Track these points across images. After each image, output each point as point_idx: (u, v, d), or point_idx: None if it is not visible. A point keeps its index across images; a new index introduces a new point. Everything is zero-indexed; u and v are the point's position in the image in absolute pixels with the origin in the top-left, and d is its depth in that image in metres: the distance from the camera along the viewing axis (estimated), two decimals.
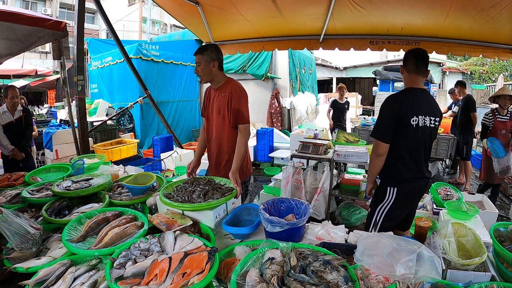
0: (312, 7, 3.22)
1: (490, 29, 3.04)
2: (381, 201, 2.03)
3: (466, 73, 12.90)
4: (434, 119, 1.95)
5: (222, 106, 2.18)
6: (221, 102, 2.19)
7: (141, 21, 19.52)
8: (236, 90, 2.16)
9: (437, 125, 1.98)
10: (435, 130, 1.99)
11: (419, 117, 1.89)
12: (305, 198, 3.40)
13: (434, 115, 1.95)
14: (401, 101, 1.94)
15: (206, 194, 1.75)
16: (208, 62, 2.12)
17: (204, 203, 1.63)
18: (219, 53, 2.17)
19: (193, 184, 1.89)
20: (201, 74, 2.17)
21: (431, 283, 1.09)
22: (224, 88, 2.21)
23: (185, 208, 1.63)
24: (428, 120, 1.92)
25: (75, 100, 3.82)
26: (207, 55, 2.11)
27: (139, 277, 1.17)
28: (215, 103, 2.24)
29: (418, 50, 2.00)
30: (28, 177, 2.35)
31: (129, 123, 7.18)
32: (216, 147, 2.29)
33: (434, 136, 1.99)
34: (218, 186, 1.87)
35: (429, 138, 1.97)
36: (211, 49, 2.14)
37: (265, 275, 1.11)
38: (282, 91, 8.14)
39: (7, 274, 1.29)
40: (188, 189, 1.82)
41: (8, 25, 3.00)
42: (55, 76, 11.47)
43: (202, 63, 2.12)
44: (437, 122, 1.97)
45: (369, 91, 16.40)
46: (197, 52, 2.14)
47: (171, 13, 3.98)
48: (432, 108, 1.96)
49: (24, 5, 17.80)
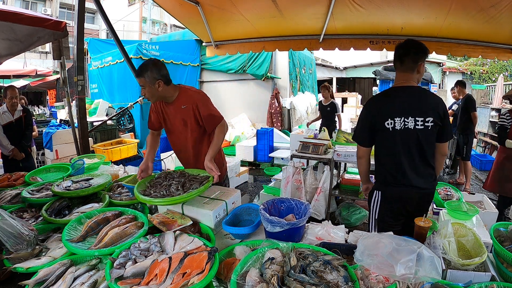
0: (312, 7, 3.22)
1: (490, 29, 3.04)
2: (371, 205, 1.99)
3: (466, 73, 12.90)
4: (422, 120, 1.72)
5: (189, 118, 2.08)
6: (184, 115, 2.07)
7: (141, 21, 19.52)
8: (197, 98, 2.06)
9: (431, 126, 1.74)
10: (427, 131, 1.74)
11: (395, 119, 1.74)
12: (305, 198, 3.40)
13: (422, 115, 1.72)
14: (375, 103, 1.87)
15: (183, 185, 1.74)
16: (152, 83, 1.94)
17: (184, 194, 1.62)
18: (161, 69, 1.97)
19: (166, 178, 1.87)
20: (148, 97, 2.02)
21: (431, 283, 1.09)
22: (181, 100, 2.08)
23: (167, 202, 1.62)
24: (412, 122, 1.73)
25: (75, 100, 3.82)
26: (148, 76, 1.93)
27: (139, 277, 1.17)
28: (177, 116, 2.11)
29: (401, 44, 1.81)
30: (28, 177, 2.35)
31: (129, 123, 7.18)
32: (194, 155, 2.22)
33: (426, 138, 1.76)
34: (193, 177, 1.85)
35: (415, 142, 1.75)
36: (150, 69, 1.93)
37: (265, 275, 1.11)
38: (282, 91, 8.14)
39: (7, 274, 1.29)
40: (163, 183, 1.79)
41: (8, 25, 3.00)
42: (55, 76, 11.47)
43: (146, 85, 1.95)
44: (429, 123, 1.73)
45: (369, 91, 16.39)
46: (138, 75, 1.96)
47: (171, 13, 3.98)
48: (421, 108, 1.74)
49: (24, 5, 17.80)
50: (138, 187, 1.77)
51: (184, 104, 2.06)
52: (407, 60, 1.77)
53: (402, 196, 1.84)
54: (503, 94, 8.97)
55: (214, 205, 1.70)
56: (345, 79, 17.22)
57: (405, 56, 1.77)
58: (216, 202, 1.74)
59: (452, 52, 3.54)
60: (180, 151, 2.31)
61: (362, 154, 1.97)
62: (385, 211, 1.90)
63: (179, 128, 2.16)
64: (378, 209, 1.94)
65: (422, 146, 1.77)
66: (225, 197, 1.81)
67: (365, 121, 1.88)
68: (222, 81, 8.36)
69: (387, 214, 1.90)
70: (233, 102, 8.26)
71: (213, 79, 8.49)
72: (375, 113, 1.83)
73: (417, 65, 1.77)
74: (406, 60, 1.77)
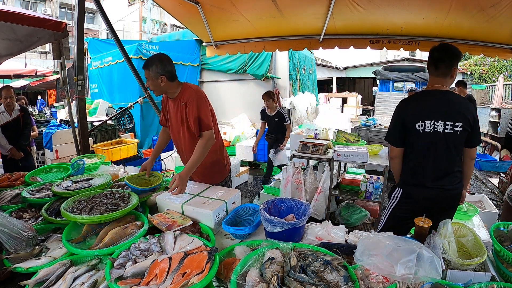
0: (312, 7, 3.22)
1: (490, 29, 3.04)
2: (389, 200, 2.06)
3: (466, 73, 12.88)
4: (452, 124, 1.75)
5: (187, 116, 2.06)
6: (182, 112, 2.07)
7: (141, 21, 19.52)
8: (193, 97, 2.02)
9: (460, 131, 1.76)
10: (456, 136, 1.77)
11: (426, 122, 1.79)
12: (305, 198, 3.40)
13: (452, 119, 1.76)
14: (407, 105, 1.90)
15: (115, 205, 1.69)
16: (155, 77, 1.99)
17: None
18: (166, 65, 2.01)
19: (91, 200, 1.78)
20: (152, 89, 2.06)
21: (431, 283, 1.09)
22: (182, 96, 2.08)
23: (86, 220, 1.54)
24: (441, 125, 1.77)
25: (75, 100, 3.82)
26: (153, 71, 1.97)
27: (139, 277, 1.17)
28: (177, 113, 2.11)
29: (437, 48, 1.82)
30: (28, 177, 2.35)
31: (129, 123, 7.18)
32: (185, 156, 2.23)
33: (455, 142, 1.79)
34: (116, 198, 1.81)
35: (443, 145, 1.79)
36: (156, 64, 1.97)
37: (265, 275, 1.11)
38: (282, 91, 8.14)
39: (7, 274, 1.29)
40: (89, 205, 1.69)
41: (8, 25, 2.99)
42: (55, 76, 11.48)
43: (150, 79, 2.00)
44: (458, 128, 1.75)
45: (369, 91, 16.41)
46: (144, 67, 2.01)
47: (171, 13, 3.98)
48: (451, 112, 1.77)
49: (24, 5, 17.81)
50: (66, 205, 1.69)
51: (183, 101, 2.06)
52: (442, 66, 1.79)
53: (423, 197, 1.88)
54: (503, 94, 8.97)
55: (214, 205, 1.70)
56: (345, 79, 17.23)
57: (440, 62, 1.80)
58: (216, 202, 1.74)
59: None
60: (178, 149, 2.32)
61: (395, 155, 1.98)
62: (401, 207, 1.96)
63: (177, 125, 2.16)
64: (394, 204, 1.99)
65: (450, 149, 1.81)
66: (225, 197, 1.81)
67: (397, 122, 1.91)
68: (222, 81, 8.35)
69: (403, 209, 1.96)
70: (233, 102, 8.25)
71: (213, 79, 8.48)
72: (406, 114, 1.86)
73: (451, 71, 1.81)
74: (441, 66, 1.79)
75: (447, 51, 1.79)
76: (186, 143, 2.16)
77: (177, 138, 2.22)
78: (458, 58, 1.81)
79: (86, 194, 1.83)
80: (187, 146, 2.16)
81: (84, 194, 1.82)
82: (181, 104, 2.07)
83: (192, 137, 2.09)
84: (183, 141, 2.17)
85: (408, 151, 1.94)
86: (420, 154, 1.87)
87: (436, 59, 1.81)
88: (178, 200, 1.79)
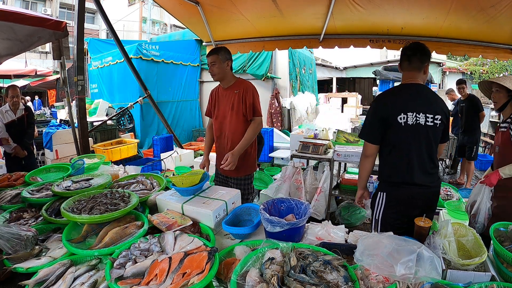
0: (312, 7, 3.22)
1: (490, 29, 3.04)
2: (374, 207, 1.93)
3: (466, 73, 12.89)
4: (432, 117, 1.73)
5: (236, 102, 2.35)
6: (234, 99, 2.36)
7: (141, 21, 19.51)
8: (249, 88, 2.36)
9: (439, 124, 1.76)
10: (436, 129, 1.76)
11: (408, 114, 1.71)
12: (305, 198, 3.40)
13: (432, 112, 1.74)
14: (386, 98, 1.83)
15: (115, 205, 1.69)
16: (223, 61, 2.34)
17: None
18: (231, 55, 2.41)
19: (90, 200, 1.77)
20: (216, 73, 2.37)
21: (431, 283, 1.09)
22: (236, 86, 2.40)
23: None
24: (423, 118, 1.72)
25: (75, 100, 3.83)
26: (222, 55, 2.34)
27: (139, 277, 1.17)
28: (228, 100, 2.40)
29: (408, 45, 1.84)
30: (28, 177, 2.35)
31: (129, 123, 7.17)
32: (230, 142, 2.41)
33: (434, 136, 1.77)
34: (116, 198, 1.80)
35: (425, 138, 1.75)
36: (224, 50, 2.38)
37: (265, 275, 1.11)
38: (282, 91, 8.14)
39: (7, 274, 1.28)
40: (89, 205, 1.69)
41: (9, 25, 3.00)
42: (55, 76, 11.47)
43: (218, 62, 2.33)
44: (438, 120, 1.74)
45: (369, 91, 16.39)
46: (211, 53, 2.35)
47: (171, 12, 3.98)
48: (430, 105, 1.75)
49: (24, 5, 17.81)
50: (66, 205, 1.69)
51: (237, 89, 2.37)
52: (415, 59, 1.79)
53: (409, 197, 1.80)
54: None
55: (214, 205, 1.70)
56: (345, 79, 17.22)
57: (413, 56, 1.80)
58: (216, 202, 1.74)
59: (452, 51, 3.53)
60: (219, 137, 2.50)
61: (371, 152, 1.86)
62: (390, 213, 1.85)
63: (225, 111, 2.41)
64: (381, 212, 1.87)
65: (431, 143, 1.77)
66: (225, 197, 1.81)
67: (374, 117, 1.81)
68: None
69: (392, 216, 1.85)
70: None
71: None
72: (386, 108, 1.78)
73: (423, 65, 1.81)
74: (414, 59, 1.79)
75: (418, 46, 1.82)
76: (231, 127, 2.40)
77: (222, 122, 2.45)
78: (429, 56, 1.83)
79: (86, 194, 1.83)
80: (231, 129, 2.40)
81: (84, 194, 1.82)
82: (234, 92, 2.37)
83: (238, 121, 2.37)
84: (228, 125, 2.41)
85: (387, 149, 1.83)
86: (403, 149, 1.77)
87: (409, 54, 1.81)
88: (178, 200, 1.79)
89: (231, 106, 2.37)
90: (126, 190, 1.95)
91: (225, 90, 2.44)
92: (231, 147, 2.37)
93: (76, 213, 1.59)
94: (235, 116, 2.37)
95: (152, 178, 2.29)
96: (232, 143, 2.38)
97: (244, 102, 2.33)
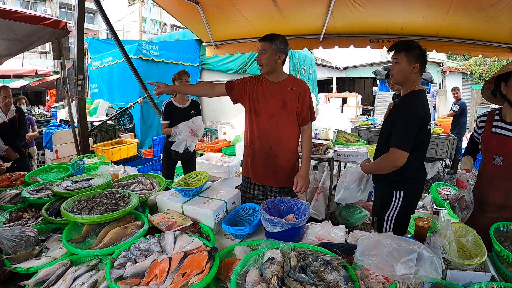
0: (312, 7, 3.22)
1: (490, 28, 3.04)
2: (388, 208, 1.93)
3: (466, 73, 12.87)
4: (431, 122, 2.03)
5: (290, 101, 2.02)
6: (287, 96, 2.02)
7: (141, 21, 19.51)
8: (307, 87, 2.04)
9: None
10: None
11: (430, 122, 1.93)
12: (305, 198, 3.40)
13: None
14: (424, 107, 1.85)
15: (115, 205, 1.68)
16: (275, 52, 1.96)
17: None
18: (287, 46, 2.02)
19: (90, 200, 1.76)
20: (263, 63, 1.98)
21: (431, 283, 1.09)
22: (289, 82, 2.05)
23: None
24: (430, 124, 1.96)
25: (75, 100, 3.82)
26: (276, 45, 1.95)
27: (139, 277, 1.17)
28: (279, 96, 2.03)
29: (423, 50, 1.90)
30: (28, 177, 2.35)
31: (129, 123, 7.18)
32: (269, 144, 2.09)
33: None
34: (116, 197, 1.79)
35: None
36: (280, 40, 1.97)
37: (265, 275, 1.11)
38: None
39: (7, 274, 1.28)
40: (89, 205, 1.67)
41: (8, 25, 2.99)
42: (55, 76, 11.45)
43: (268, 52, 1.95)
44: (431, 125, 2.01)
45: (369, 91, 16.40)
46: (264, 39, 1.97)
47: (171, 13, 3.98)
48: None
49: (24, 5, 17.81)
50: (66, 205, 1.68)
51: (292, 86, 2.03)
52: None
53: (420, 190, 1.98)
54: None
55: (214, 205, 1.70)
56: (345, 79, 17.23)
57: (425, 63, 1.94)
58: (216, 202, 1.74)
59: (452, 50, 3.54)
60: (260, 137, 2.11)
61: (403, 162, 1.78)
62: (405, 211, 1.95)
63: (272, 109, 2.05)
64: (397, 210, 1.91)
65: None
66: (225, 197, 1.81)
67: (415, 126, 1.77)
68: (222, 81, 8.34)
69: (406, 213, 1.96)
70: None
71: (213, 79, 8.47)
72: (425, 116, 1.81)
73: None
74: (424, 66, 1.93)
75: None
76: (278, 129, 2.06)
77: (265, 120, 2.08)
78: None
79: (86, 194, 1.83)
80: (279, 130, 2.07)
81: (84, 194, 1.82)
82: (288, 89, 2.03)
83: (287, 123, 2.05)
84: (275, 126, 2.06)
85: (415, 154, 1.84)
86: (424, 152, 1.94)
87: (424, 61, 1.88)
88: (178, 200, 1.79)
89: (281, 103, 2.02)
90: (126, 190, 1.95)
91: (275, 84, 2.05)
92: (270, 149, 2.08)
93: (76, 213, 1.59)
94: (285, 116, 2.04)
95: (152, 178, 2.29)
96: (274, 144, 2.08)
97: (302, 102, 2.01)
